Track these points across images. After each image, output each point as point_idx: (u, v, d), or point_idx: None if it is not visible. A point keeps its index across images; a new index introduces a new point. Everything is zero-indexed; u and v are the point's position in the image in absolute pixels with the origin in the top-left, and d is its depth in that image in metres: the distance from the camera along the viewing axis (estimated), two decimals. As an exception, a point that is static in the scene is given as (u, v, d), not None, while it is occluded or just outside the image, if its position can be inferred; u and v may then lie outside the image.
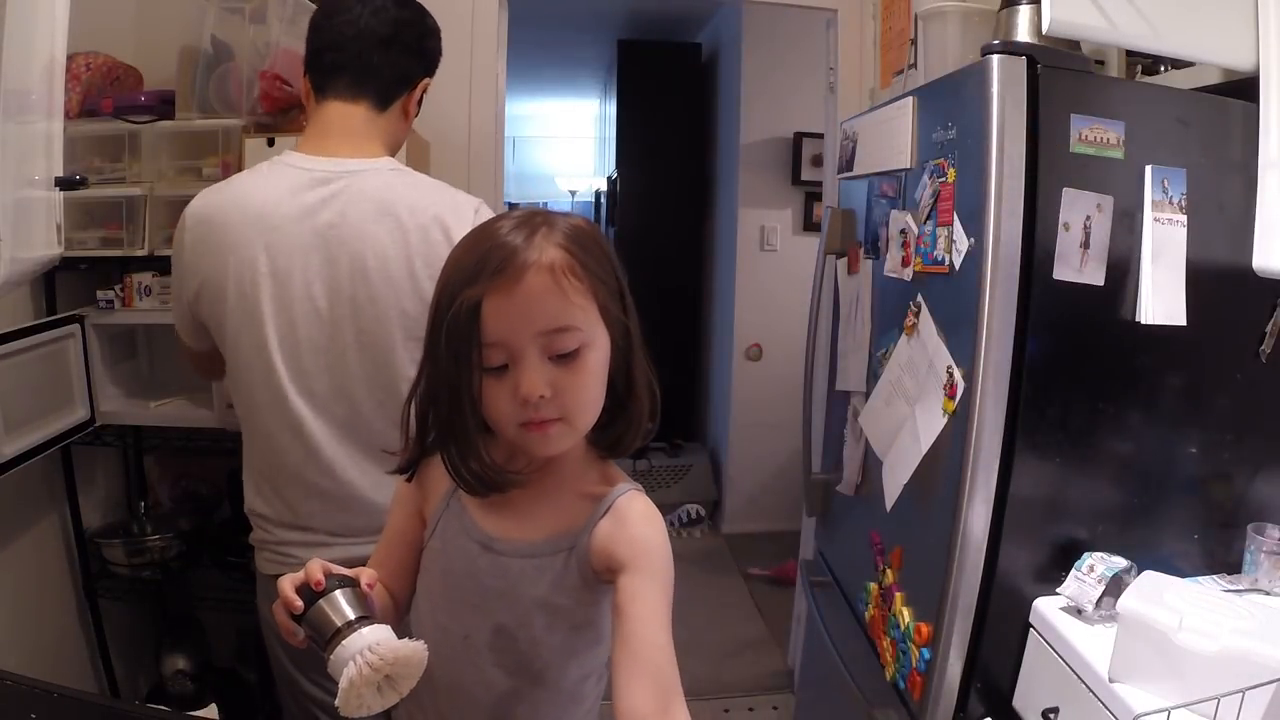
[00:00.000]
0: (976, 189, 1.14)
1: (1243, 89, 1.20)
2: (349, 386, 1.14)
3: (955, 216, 1.21)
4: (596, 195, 6.48)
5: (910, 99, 1.38)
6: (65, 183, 1.36)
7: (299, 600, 0.73)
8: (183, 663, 1.97)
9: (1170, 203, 1.15)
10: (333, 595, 0.73)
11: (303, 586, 0.74)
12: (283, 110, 1.72)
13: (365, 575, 0.77)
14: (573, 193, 7.63)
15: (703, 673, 2.66)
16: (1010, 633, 1.18)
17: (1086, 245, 1.14)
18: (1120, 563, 1.11)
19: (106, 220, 1.75)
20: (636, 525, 0.78)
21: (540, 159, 7.78)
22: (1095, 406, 1.18)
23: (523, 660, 0.81)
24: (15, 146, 1.24)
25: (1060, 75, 1.14)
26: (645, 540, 0.77)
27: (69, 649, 1.88)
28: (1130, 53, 1.39)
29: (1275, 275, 1.14)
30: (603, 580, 0.79)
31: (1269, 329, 1.19)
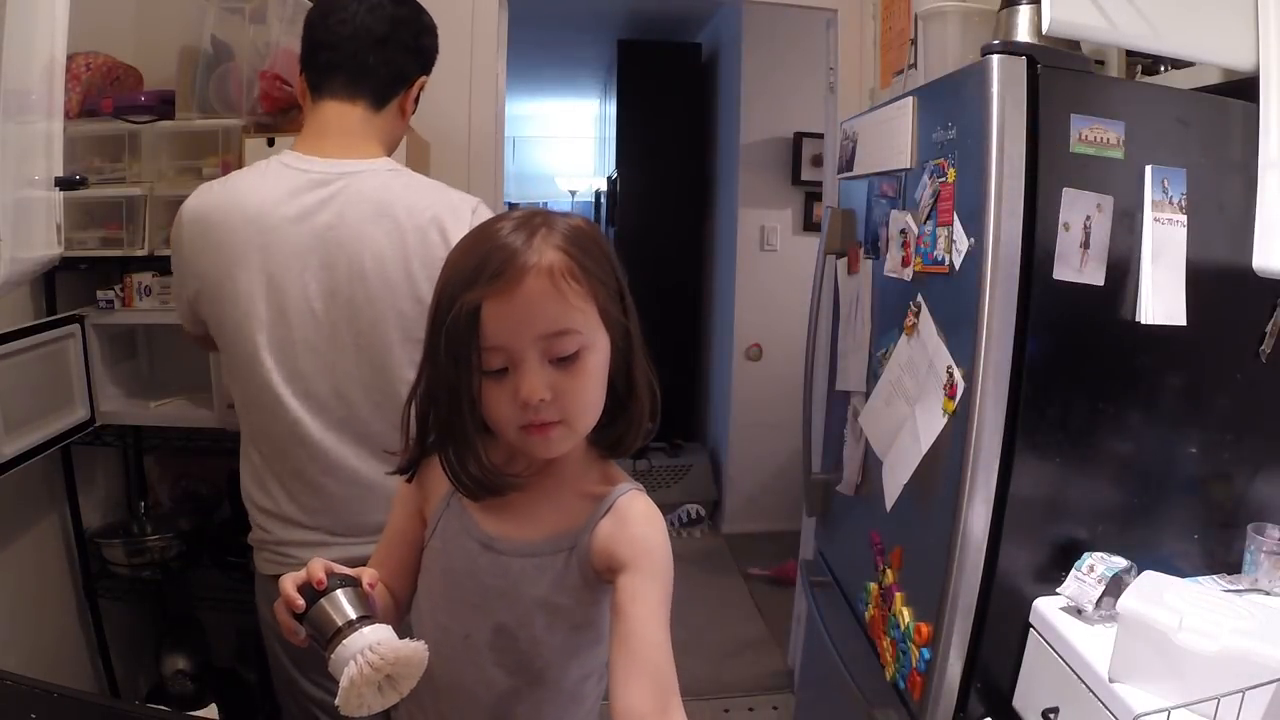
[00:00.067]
0: (976, 189, 1.14)
1: (1243, 89, 1.20)
2: (346, 388, 1.14)
3: (955, 216, 1.21)
4: (596, 195, 6.48)
5: (910, 99, 1.38)
6: (65, 183, 1.36)
7: (301, 599, 0.73)
8: (183, 663, 1.97)
9: (1170, 203, 1.15)
10: (334, 594, 0.73)
11: (304, 585, 0.74)
12: (283, 110, 1.72)
13: (367, 575, 0.77)
14: (573, 193, 7.63)
15: (703, 673, 2.66)
16: (1010, 633, 1.18)
17: (1086, 245, 1.14)
18: (1120, 563, 1.11)
19: (106, 220, 1.75)
20: (637, 525, 0.78)
21: (540, 159, 7.78)
22: (1095, 406, 1.18)
23: (523, 660, 0.81)
24: (15, 146, 1.24)
25: (1060, 75, 1.14)
26: (646, 540, 0.77)
27: (69, 649, 1.88)
28: (1130, 53, 1.39)
29: (1275, 275, 1.14)
30: (603, 580, 0.79)
31: (1269, 329, 1.19)
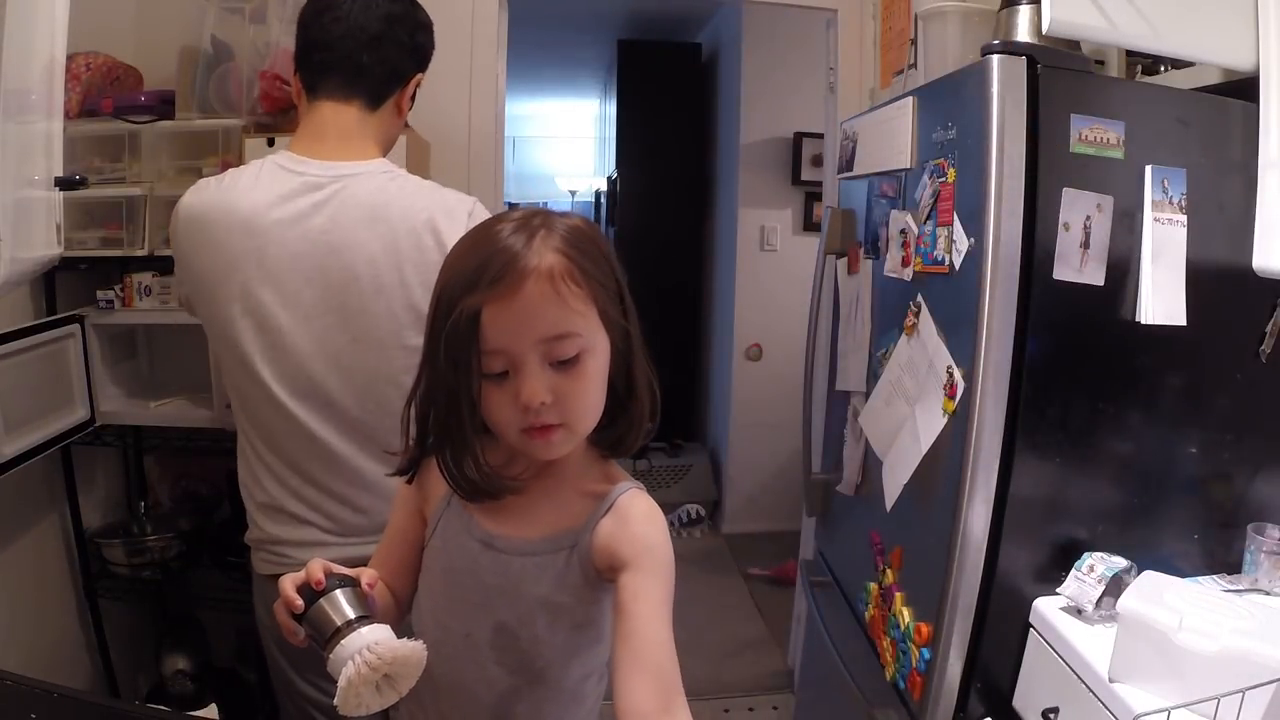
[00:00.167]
0: (976, 189, 1.14)
1: (1243, 89, 1.20)
2: (340, 392, 1.13)
3: (955, 216, 1.21)
4: (596, 195, 6.48)
5: (910, 99, 1.38)
6: (65, 183, 1.36)
7: (300, 599, 0.73)
8: (183, 663, 1.97)
9: (1170, 203, 1.15)
10: (333, 594, 0.73)
11: (303, 586, 0.74)
12: (283, 110, 1.72)
13: (366, 575, 0.78)
14: (573, 193, 7.63)
15: (703, 673, 2.66)
16: (1010, 633, 1.18)
17: (1086, 245, 1.14)
18: (1120, 563, 1.11)
19: (106, 220, 1.75)
20: (638, 524, 0.78)
21: (540, 159, 7.78)
22: (1095, 406, 1.18)
23: (524, 659, 0.81)
24: (15, 146, 1.24)
25: (1060, 75, 1.14)
26: (647, 538, 0.77)
27: (69, 649, 1.88)
28: (1130, 53, 1.39)
29: (1275, 275, 1.14)
30: (604, 579, 0.79)
31: (1269, 329, 1.19)
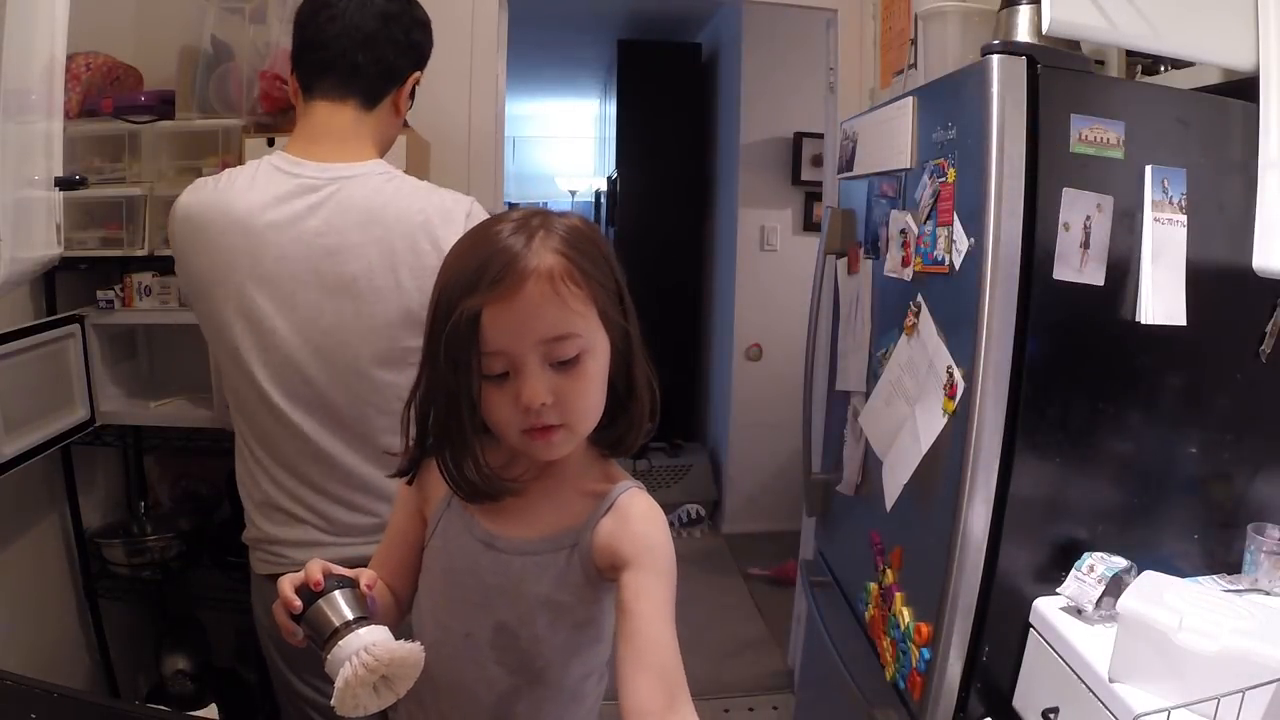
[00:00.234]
0: (976, 189, 1.14)
1: (1243, 89, 1.20)
2: (334, 394, 1.13)
3: (955, 216, 1.21)
4: (596, 195, 6.48)
5: (910, 99, 1.38)
6: (65, 183, 1.36)
7: (298, 600, 0.73)
8: (183, 663, 1.97)
9: (1170, 203, 1.15)
10: (332, 595, 0.73)
11: (302, 587, 0.74)
12: (283, 110, 1.72)
13: (365, 576, 0.78)
14: (573, 193, 7.63)
15: (703, 673, 2.66)
16: (1010, 633, 1.18)
17: (1086, 245, 1.14)
18: (1120, 563, 1.11)
19: (106, 220, 1.75)
20: (639, 522, 0.78)
21: (540, 159, 7.78)
22: (1095, 406, 1.18)
23: (524, 659, 0.81)
24: (15, 146, 1.24)
25: (1060, 75, 1.14)
26: (648, 537, 0.77)
27: (69, 649, 1.88)
28: (1130, 53, 1.39)
29: (1275, 275, 1.14)
30: (605, 578, 0.79)
31: (1269, 329, 1.19)
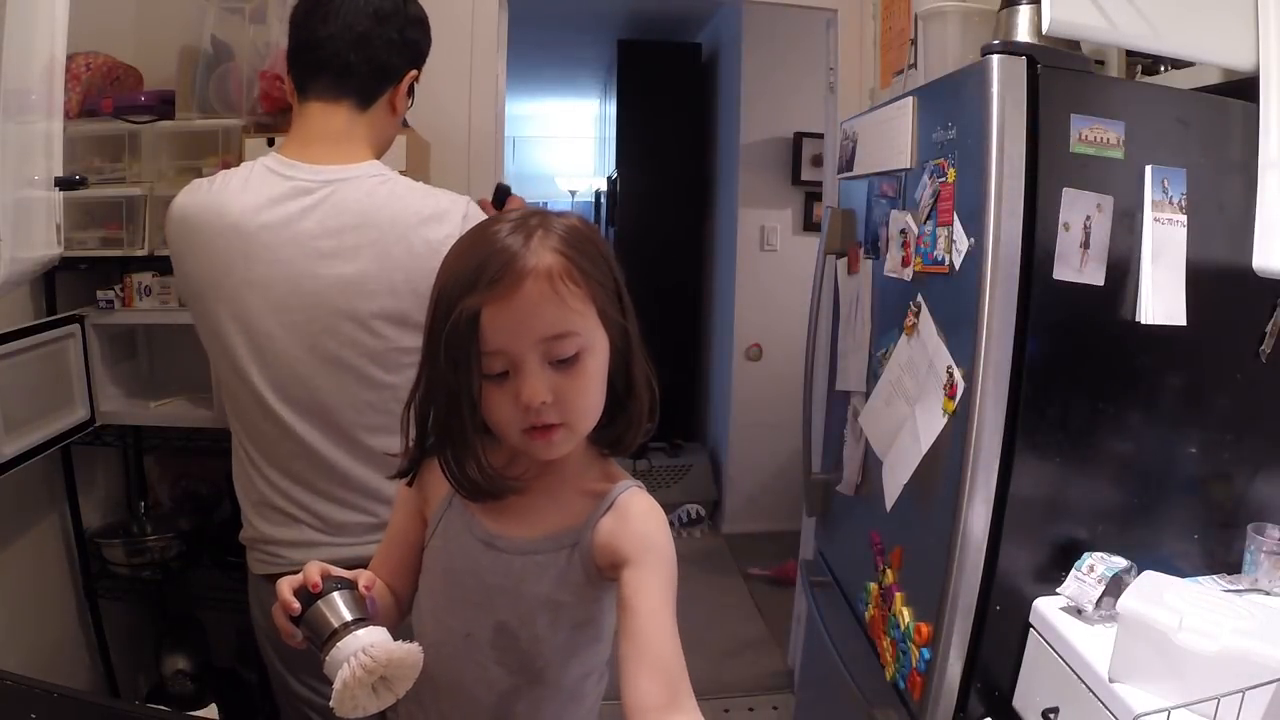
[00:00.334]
0: (976, 189, 1.14)
1: (1243, 89, 1.20)
2: (330, 396, 1.12)
3: (955, 216, 1.21)
4: (596, 195, 6.48)
5: (910, 99, 1.38)
6: (65, 183, 1.36)
7: (296, 602, 0.74)
8: (183, 663, 1.97)
9: (1170, 203, 1.15)
10: (330, 597, 0.74)
11: (300, 589, 0.74)
12: (282, 110, 1.72)
13: (363, 577, 0.78)
14: (573, 193, 7.63)
15: (703, 672, 2.65)
16: (1010, 633, 1.18)
17: (1086, 245, 1.14)
18: (1120, 563, 1.11)
19: (106, 220, 1.75)
20: (639, 521, 0.79)
21: (540, 159, 7.78)
22: (1095, 406, 1.18)
23: (524, 658, 0.81)
24: (15, 146, 1.24)
25: (1060, 75, 1.14)
26: (649, 535, 0.77)
27: (69, 649, 1.88)
28: (1130, 53, 1.39)
29: (1275, 275, 1.14)
30: (605, 577, 0.79)
31: (1269, 329, 1.19)
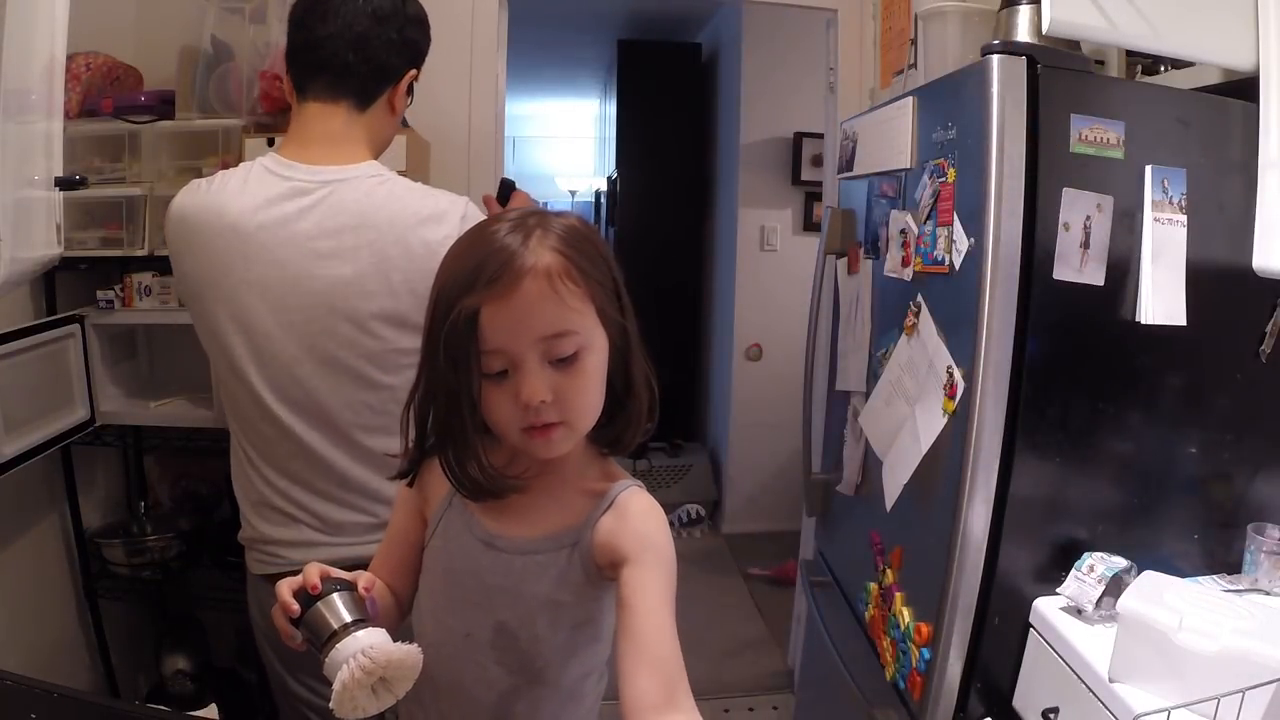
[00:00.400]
0: (976, 189, 1.14)
1: (1243, 89, 1.20)
2: (326, 397, 1.12)
3: (955, 216, 1.21)
4: (596, 195, 6.48)
5: (910, 99, 1.38)
6: (65, 183, 1.36)
7: (296, 604, 0.74)
8: (183, 663, 1.97)
9: (1170, 203, 1.15)
10: (330, 598, 0.74)
11: (300, 590, 0.74)
12: (282, 110, 1.72)
13: (363, 579, 0.78)
14: (573, 193, 7.63)
15: (703, 673, 2.66)
16: (1010, 633, 1.18)
17: (1086, 245, 1.14)
18: (1120, 563, 1.11)
19: (106, 220, 1.75)
20: (639, 519, 0.79)
21: (540, 159, 7.77)
22: (1095, 406, 1.18)
23: (524, 658, 0.81)
24: (15, 146, 1.24)
25: (1060, 75, 1.14)
26: (648, 534, 0.77)
27: (69, 649, 1.88)
28: (1130, 53, 1.39)
29: (1275, 275, 1.14)
30: (605, 576, 0.79)
31: (1269, 329, 1.19)
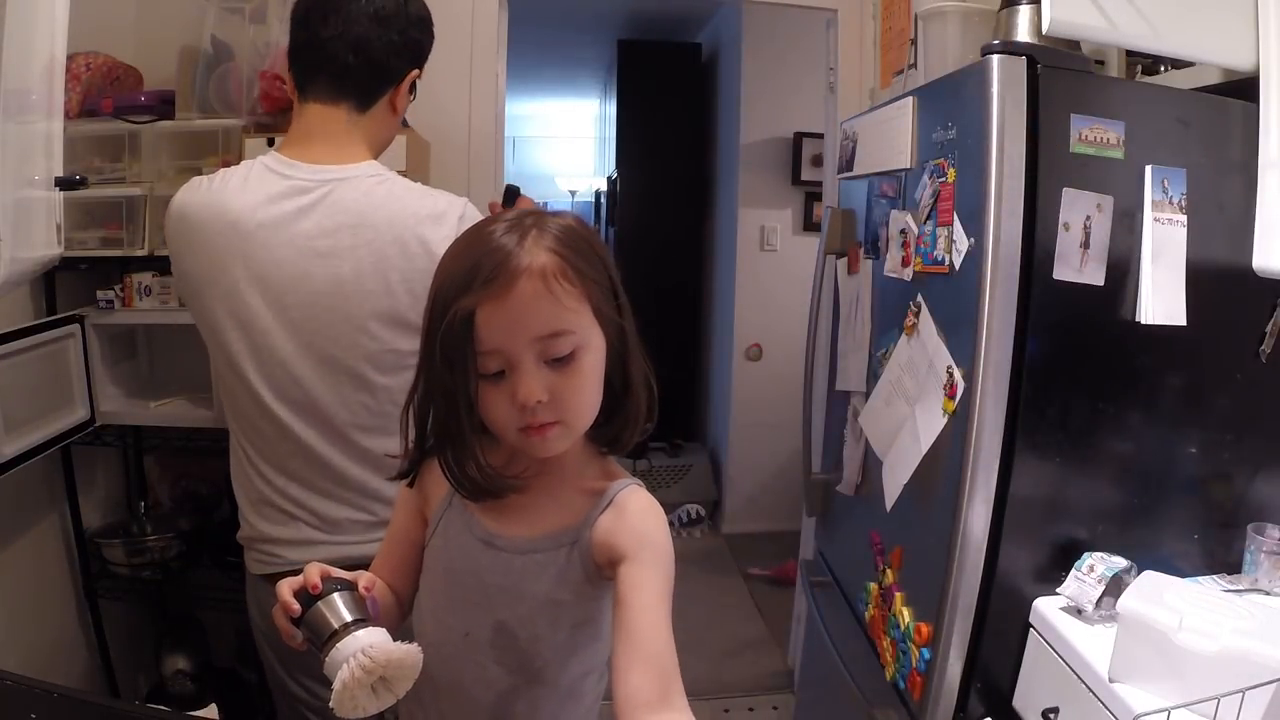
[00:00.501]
0: (976, 189, 1.14)
1: (1243, 89, 1.20)
2: (324, 397, 1.12)
3: (955, 216, 1.21)
4: (596, 195, 6.48)
5: (910, 99, 1.38)
6: (65, 183, 1.36)
7: (296, 604, 0.74)
8: (183, 663, 1.97)
9: (1170, 203, 1.15)
10: (330, 598, 0.74)
11: (300, 590, 0.74)
12: (283, 110, 1.72)
13: (363, 579, 0.78)
14: (573, 193, 7.63)
15: (703, 672, 2.66)
16: (1010, 633, 1.18)
17: (1086, 245, 1.14)
18: (1120, 563, 1.11)
19: (106, 220, 1.75)
20: (637, 517, 0.79)
21: (540, 159, 7.77)
22: (1095, 406, 1.18)
23: (523, 658, 0.81)
24: (15, 146, 1.24)
25: (1060, 75, 1.14)
26: (646, 532, 0.77)
27: (69, 649, 1.88)
28: (1130, 53, 1.39)
29: (1275, 275, 1.14)
30: (604, 575, 0.79)
31: (1269, 329, 1.19)
